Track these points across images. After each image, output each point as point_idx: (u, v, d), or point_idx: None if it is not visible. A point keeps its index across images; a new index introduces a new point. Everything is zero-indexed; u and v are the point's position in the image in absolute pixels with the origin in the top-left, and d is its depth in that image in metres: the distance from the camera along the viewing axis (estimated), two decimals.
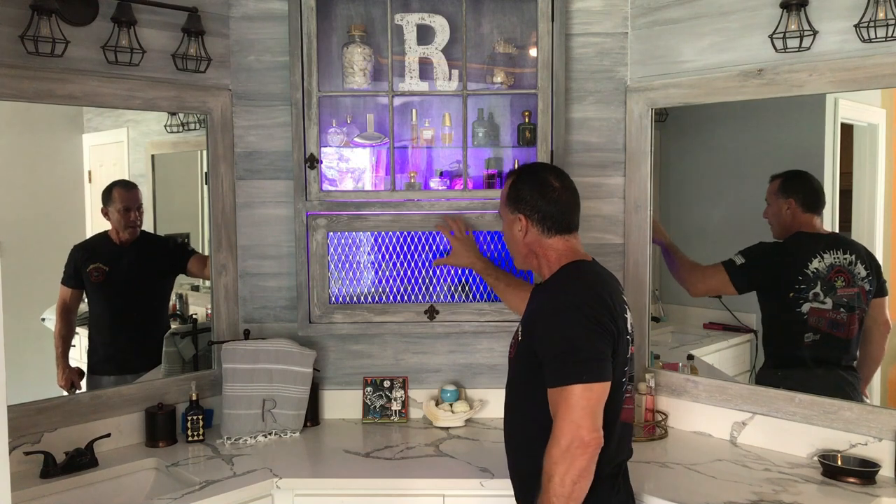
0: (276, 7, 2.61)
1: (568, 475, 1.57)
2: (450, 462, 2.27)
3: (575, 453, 1.57)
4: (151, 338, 2.63)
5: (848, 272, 2.26)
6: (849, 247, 2.28)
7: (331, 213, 2.51)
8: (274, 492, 2.14)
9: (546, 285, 1.81)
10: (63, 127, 2.37)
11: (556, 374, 1.61)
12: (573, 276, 1.76)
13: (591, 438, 1.58)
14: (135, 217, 2.48)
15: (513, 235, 1.84)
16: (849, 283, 2.26)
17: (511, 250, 1.89)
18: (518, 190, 1.83)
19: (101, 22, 2.29)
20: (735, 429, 2.39)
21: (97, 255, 2.43)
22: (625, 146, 2.61)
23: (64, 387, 2.34)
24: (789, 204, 2.36)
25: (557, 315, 1.67)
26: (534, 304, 1.79)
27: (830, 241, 2.30)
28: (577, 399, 1.58)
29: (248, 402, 2.50)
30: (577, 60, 2.60)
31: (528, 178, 1.84)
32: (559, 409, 1.60)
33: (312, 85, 2.45)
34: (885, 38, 2.02)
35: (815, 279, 2.30)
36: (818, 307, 2.29)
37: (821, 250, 2.30)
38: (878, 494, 1.96)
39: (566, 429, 1.58)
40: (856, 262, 2.26)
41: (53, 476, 2.15)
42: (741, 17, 2.33)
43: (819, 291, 2.29)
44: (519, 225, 1.82)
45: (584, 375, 1.59)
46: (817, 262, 2.29)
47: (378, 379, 2.68)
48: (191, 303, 2.71)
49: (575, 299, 1.67)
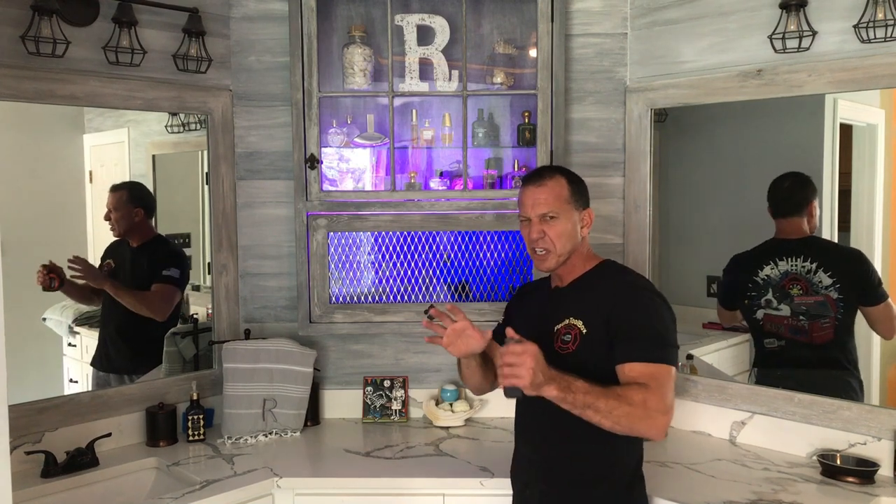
0: (277, 7, 2.62)
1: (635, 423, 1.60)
2: (450, 461, 2.28)
3: (660, 420, 1.61)
4: (146, 339, 2.63)
5: (804, 279, 2.26)
6: (815, 254, 2.27)
7: (331, 213, 2.51)
8: (274, 491, 2.15)
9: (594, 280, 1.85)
10: (64, 127, 2.38)
11: (656, 352, 1.68)
12: (630, 270, 1.90)
13: (665, 428, 1.63)
14: (114, 218, 2.47)
15: (575, 231, 1.83)
16: (806, 291, 2.26)
17: (562, 247, 1.81)
18: (578, 187, 1.87)
19: (101, 22, 2.30)
20: (734, 428, 2.40)
21: (113, 252, 2.49)
22: (624, 146, 2.61)
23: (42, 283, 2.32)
24: (769, 210, 2.37)
25: (648, 301, 1.75)
26: (590, 297, 1.81)
27: (796, 247, 2.30)
28: (670, 381, 1.66)
29: (248, 402, 2.51)
30: (577, 61, 2.60)
31: (576, 177, 1.89)
32: (656, 382, 1.63)
33: (313, 85, 2.45)
34: (885, 38, 2.02)
35: (765, 286, 2.32)
36: (772, 314, 2.31)
37: (776, 257, 2.31)
38: (877, 494, 1.97)
39: (662, 401, 1.62)
40: (816, 269, 2.25)
41: (54, 476, 2.15)
42: (740, 17, 2.33)
43: (771, 298, 2.30)
44: (588, 219, 1.87)
45: (674, 361, 1.70)
46: (769, 269, 2.31)
47: (378, 378, 2.69)
48: (191, 303, 2.72)
49: (654, 290, 1.81)
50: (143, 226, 2.55)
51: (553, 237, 1.80)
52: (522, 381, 1.50)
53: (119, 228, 2.49)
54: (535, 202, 1.82)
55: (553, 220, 1.81)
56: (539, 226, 1.81)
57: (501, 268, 2.60)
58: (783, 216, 2.36)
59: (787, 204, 2.35)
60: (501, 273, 2.60)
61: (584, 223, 1.86)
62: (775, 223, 2.37)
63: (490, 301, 2.54)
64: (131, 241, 2.54)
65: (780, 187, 2.35)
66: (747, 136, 2.51)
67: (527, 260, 2.56)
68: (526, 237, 1.85)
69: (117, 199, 2.48)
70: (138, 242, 2.55)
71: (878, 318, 2.22)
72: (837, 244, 2.30)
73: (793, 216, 2.34)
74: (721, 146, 2.59)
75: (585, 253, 1.88)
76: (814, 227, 2.32)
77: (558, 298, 1.88)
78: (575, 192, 1.85)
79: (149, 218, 2.57)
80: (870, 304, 2.22)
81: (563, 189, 1.83)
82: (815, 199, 2.30)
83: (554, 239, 1.80)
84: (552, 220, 1.80)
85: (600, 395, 1.58)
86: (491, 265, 2.60)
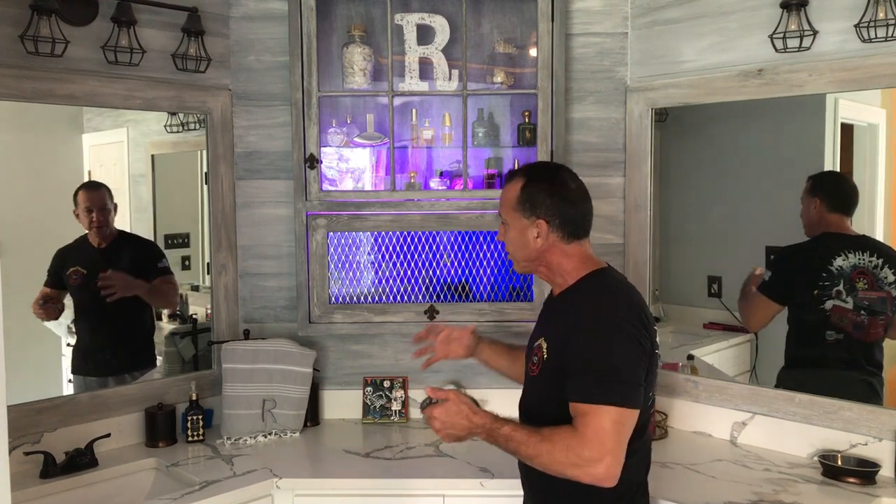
0: (276, 7, 2.61)
1: (565, 469, 1.51)
2: (450, 462, 2.27)
3: (594, 469, 1.49)
4: (132, 339, 2.62)
5: (871, 274, 2.25)
6: (876, 250, 2.26)
7: (331, 213, 2.51)
8: (274, 492, 2.14)
9: (572, 297, 1.69)
10: (63, 127, 2.37)
11: (593, 391, 1.52)
12: (605, 290, 1.67)
13: (608, 476, 1.49)
14: (98, 218, 2.42)
15: (524, 241, 1.70)
16: (871, 286, 2.25)
17: (515, 255, 1.75)
18: (533, 192, 1.68)
19: (100, 22, 2.29)
20: (735, 429, 2.39)
21: (77, 258, 2.41)
22: (625, 146, 2.61)
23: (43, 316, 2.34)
24: (815, 203, 2.35)
25: (600, 331, 1.58)
26: (561, 317, 1.69)
27: (856, 242, 2.28)
28: (611, 423, 1.50)
29: (247, 402, 2.50)
30: (577, 60, 2.60)
31: (545, 179, 1.71)
32: (589, 427, 1.50)
33: (312, 85, 2.44)
34: (885, 38, 2.02)
35: (838, 277, 2.29)
36: (841, 305, 2.29)
37: (846, 249, 2.29)
38: (878, 494, 1.96)
39: (595, 447, 1.49)
40: (882, 265, 2.24)
41: (53, 476, 2.14)
42: (741, 17, 2.33)
43: (842, 289, 2.28)
44: (535, 231, 1.68)
45: (621, 399, 1.52)
46: (841, 260, 2.29)
47: (378, 379, 2.68)
48: (191, 303, 2.71)
49: (616, 318, 1.58)
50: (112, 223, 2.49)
51: (506, 244, 1.76)
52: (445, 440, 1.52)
53: (104, 226, 2.43)
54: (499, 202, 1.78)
55: (504, 226, 1.75)
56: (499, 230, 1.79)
57: (501, 268, 2.59)
58: (844, 213, 2.33)
59: (850, 202, 2.33)
60: (501, 273, 2.60)
61: (536, 234, 1.68)
62: (830, 217, 2.33)
63: (490, 301, 2.54)
64: (96, 242, 2.44)
65: (846, 184, 2.33)
66: (748, 135, 2.51)
67: None
68: None
69: (100, 196, 2.43)
70: (105, 242, 2.46)
71: None
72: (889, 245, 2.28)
73: (850, 214, 2.33)
74: (721, 146, 2.59)
75: (564, 264, 1.70)
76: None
77: (547, 311, 1.82)
78: (524, 200, 1.69)
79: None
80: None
81: (514, 194, 1.70)
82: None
83: (507, 246, 1.75)
84: (504, 227, 1.75)
85: (521, 444, 1.56)
86: (491, 265, 2.60)
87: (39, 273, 2.33)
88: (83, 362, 2.46)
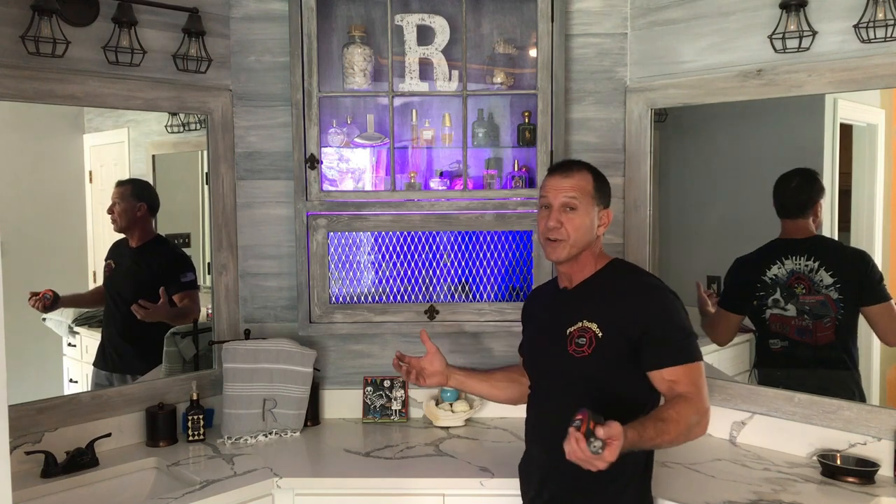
0: (277, 7, 2.62)
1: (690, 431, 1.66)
2: (450, 461, 2.28)
3: (707, 417, 1.70)
4: (143, 340, 2.62)
5: (808, 279, 2.26)
6: (819, 253, 2.26)
7: (331, 214, 2.51)
8: (274, 491, 2.15)
9: (601, 281, 1.85)
10: (64, 127, 2.38)
11: (686, 352, 1.73)
12: (638, 267, 1.95)
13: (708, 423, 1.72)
14: (117, 212, 2.47)
15: (591, 227, 1.84)
16: (809, 290, 2.26)
17: (578, 240, 1.82)
18: (602, 185, 1.87)
19: (101, 22, 2.30)
20: (734, 428, 2.39)
21: (113, 252, 2.49)
22: (624, 146, 2.61)
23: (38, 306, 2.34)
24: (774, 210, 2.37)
25: (662, 298, 1.78)
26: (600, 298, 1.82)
27: (801, 247, 2.29)
28: (703, 377, 1.73)
29: (248, 402, 2.51)
30: (577, 61, 2.61)
31: (602, 176, 1.89)
32: (695, 383, 1.70)
33: (313, 85, 2.45)
34: (885, 38, 2.02)
35: (773, 286, 2.32)
36: (779, 314, 2.30)
37: (783, 256, 2.30)
38: (878, 494, 1.96)
39: (705, 400, 1.71)
40: (818, 268, 2.24)
41: (54, 476, 2.15)
42: (740, 17, 2.33)
43: (779, 298, 2.29)
44: (606, 219, 1.87)
45: (700, 355, 1.75)
46: (776, 268, 2.30)
47: (378, 378, 2.69)
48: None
49: (663, 285, 1.83)
50: (145, 224, 2.54)
51: (570, 228, 1.80)
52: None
53: (121, 222, 2.48)
54: (560, 189, 1.82)
55: (573, 212, 1.81)
56: (557, 214, 1.81)
57: (501, 268, 2.60)
58: (790, 217, 2.34)
59: (794, 205, 2.33)
60: (501, 273, 2.60)
61: (601, 222, 1.86)
62: (781, 223, 2.35)
63: (490, 301, 2.54)
64: (131, 240, 2.52)
65: (788, 187, 2.33)
66: (747, 136, 2.51)
67: (527, 260, 2.56)
68: (542, 225, 1.85)
69: (122, 192, 2.48)
70: (138, 242, 2.54)
71: (878, 319, 2.21)
72: (842, 244, 2.29)
73: (799, 217, 2.32)
74: (721, 146, 2.59)
75: (597, 252, 1.88)
76: (818, 226, 2.31)
77: (568, 299, 1.88)
78: (598, 189, 1.85)
79: (151, 216, 2.56)
80: (869, 303, 2.22)
81: (588, 183, 1.84)
82: (821, 199, 2.29)
83: (571, 230, 1.80)
84: (572, 212, 1.81)
85: (657, 434, 1.61)
86: (491, 265, 2.60)
87: (40, 273, 2.34)
88: (100, 357, 2.49)
